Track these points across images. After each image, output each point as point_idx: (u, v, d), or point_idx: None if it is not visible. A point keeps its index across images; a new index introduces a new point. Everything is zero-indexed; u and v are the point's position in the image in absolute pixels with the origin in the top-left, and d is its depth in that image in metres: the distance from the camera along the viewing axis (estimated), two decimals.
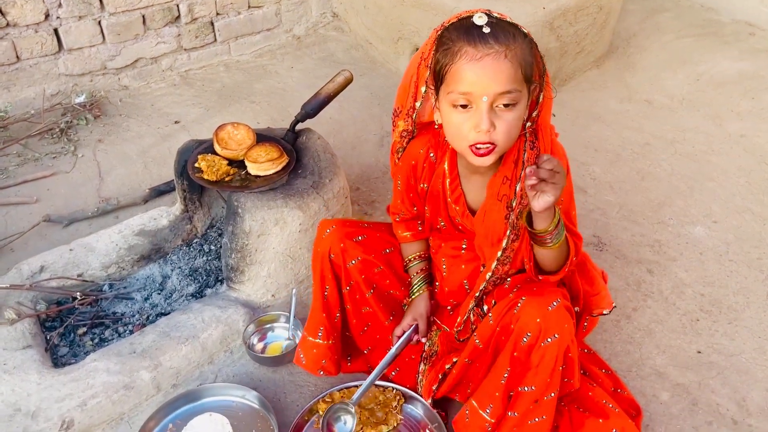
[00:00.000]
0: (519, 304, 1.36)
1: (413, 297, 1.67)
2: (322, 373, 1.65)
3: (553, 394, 1.36)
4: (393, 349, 1.59)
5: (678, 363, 1.85)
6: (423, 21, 2.99)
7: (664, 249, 2.25)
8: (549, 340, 1.32)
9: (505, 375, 1.39)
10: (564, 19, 2.91)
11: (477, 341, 1.48)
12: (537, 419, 1.39)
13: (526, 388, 1.36)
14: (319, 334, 1.62)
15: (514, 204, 1.39)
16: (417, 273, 1.67)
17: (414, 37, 3.08)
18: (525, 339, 1.34)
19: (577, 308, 1.55)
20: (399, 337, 1.61)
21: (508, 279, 1.49)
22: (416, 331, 1.62)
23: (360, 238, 1.62)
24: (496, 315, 1.42)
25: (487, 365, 1.48)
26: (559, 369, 1.35)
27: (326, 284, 1.60)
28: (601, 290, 1.59)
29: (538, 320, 1.32)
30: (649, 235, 2.31)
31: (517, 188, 1.38)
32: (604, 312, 1.58)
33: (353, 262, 1.59)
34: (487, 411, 1.42)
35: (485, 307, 1.51)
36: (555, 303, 1.33)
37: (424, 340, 1.65)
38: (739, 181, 2.56)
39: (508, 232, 1.41)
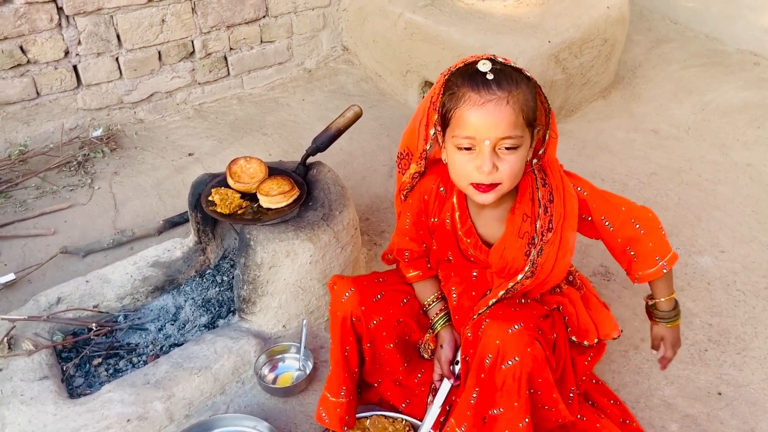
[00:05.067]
0: (483, 326, 1.40)
1: (436, 332, 1.66)
2: (346, 428, 1.65)
3: (527, 420, 1.37)
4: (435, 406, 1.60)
5: (687, 394, 1.85)
6: (430, 54, 3.06)
7: None
8: (510, 362, 1.34)
9: (474, 395, 1.41)
10: (569, 51, 2.96)
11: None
12: None
13: (496, 411, 1.39)
14: (342, 393, 1.61)
15: (536, 241, 1.43)
16: (437, 314, 1.65)
17: (422, 70, 3.15)
18: (487, 360, 1.37)
19: (596, 339, 1.57)
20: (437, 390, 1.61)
21: None
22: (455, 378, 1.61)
23: (379, 296, 1.61)
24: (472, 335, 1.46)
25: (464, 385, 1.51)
26: (526, 393, 1.36)
27: (347, 345, 1.59)
28: (606, 317, 1.63)
29: (497, 342, 1.35)
30: None
31: (537, 225, 1.43)
32: (614, 336, 1.60)
33: (374, 322, 1.59)
34: (462, 429, 1.44)
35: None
36: (516, 326, 1.35)
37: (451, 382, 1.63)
38: (746, 211, 2.58)
39: (526, 268, 1.45)
